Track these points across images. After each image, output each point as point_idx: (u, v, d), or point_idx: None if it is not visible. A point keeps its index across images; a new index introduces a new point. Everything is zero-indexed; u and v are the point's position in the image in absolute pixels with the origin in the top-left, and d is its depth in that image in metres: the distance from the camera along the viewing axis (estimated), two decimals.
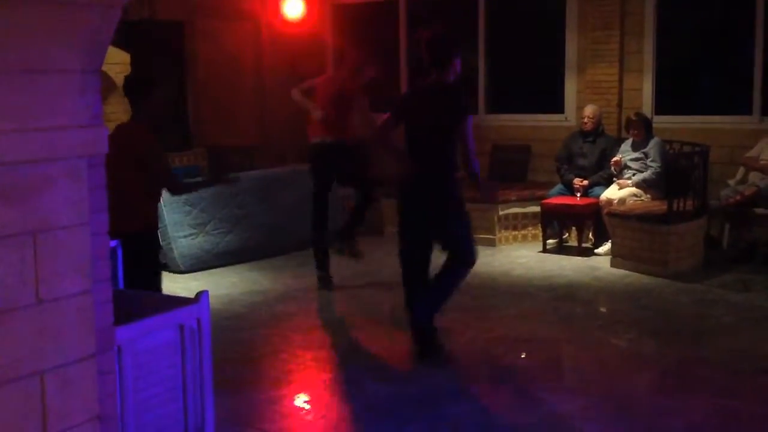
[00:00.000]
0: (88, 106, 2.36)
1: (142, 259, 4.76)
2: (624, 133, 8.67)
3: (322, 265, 7.16)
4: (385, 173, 6.32)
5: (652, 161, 8.15)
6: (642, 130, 8.22)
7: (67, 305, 2.30)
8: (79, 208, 2.33)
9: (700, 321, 6.15)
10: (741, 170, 8.15)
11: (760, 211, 7.69)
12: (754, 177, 7.90)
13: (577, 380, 5.09)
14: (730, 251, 7.86)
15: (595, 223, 8.35)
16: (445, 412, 4.55)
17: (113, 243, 4.00)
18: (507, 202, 8.84)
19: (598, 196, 8.31)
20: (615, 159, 8.31)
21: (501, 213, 8.79)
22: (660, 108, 9.11)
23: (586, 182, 8.45)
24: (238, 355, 5.55)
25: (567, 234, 8.72)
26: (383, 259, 8.26)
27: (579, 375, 5.18)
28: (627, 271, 7.53)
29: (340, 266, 8.00)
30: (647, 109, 9.02)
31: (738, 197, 7.75)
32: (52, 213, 2.25)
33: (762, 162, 7.87)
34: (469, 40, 10.04)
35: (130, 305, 3.39)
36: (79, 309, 2.33)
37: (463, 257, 5.35)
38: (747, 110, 8.67)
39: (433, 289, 5.33)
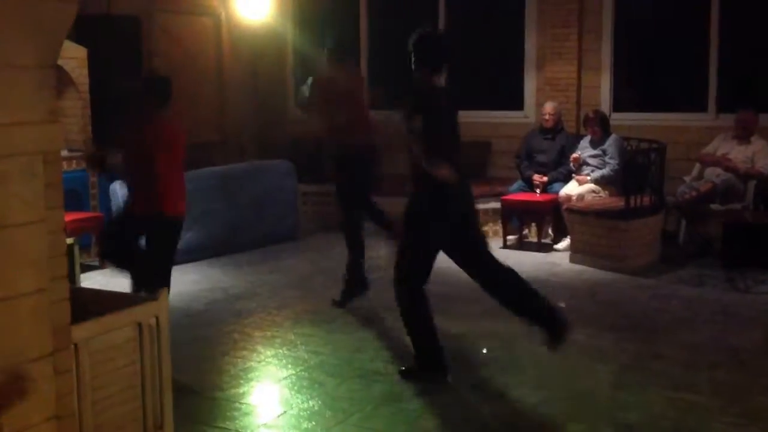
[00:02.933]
0: (44, 102, 2.33)
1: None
2: (583, 130, 8.75)
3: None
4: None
5: (610, 158, 8.24)
6: (599, 128, 8.31)
7: (22, 304, 2.27)
8: (34, 205, 2.29)
9: (656, 316, 6.24)
10: (697, 167, 8.27)
11: (715, 207, 7.82)
12: (709, 173, 8.03)
13: (537, 375, 5.13)
14: (686, 247, 7.98)
15: (555, 219, 8.43)
16: (405, 408, 4.56)
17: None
18: None
19: (557, 193, 8.38)
20: (574, 155, 8.39)
21: None
22: (618, 105, 9.22)
23: (545, 178, 8.53)
24: (197, 353, 5.51)
25: (527, 230, 8.79)
26: (343, 255, 8.26)
27: (539, 370, 5.22)
28: (585, 267, 7.61)
29: (301, 262, 7.98)
30: (605, 106, 9.13)
31: (694, 193, 7.87)
32: (6, 210, 2.22)
33: (717, 155, 7.99)
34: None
35: (87, 303, 3.35)
36: (34, 308, 2.30)
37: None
38: (703, 107, 8.82)
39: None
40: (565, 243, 8.24)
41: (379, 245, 7.11)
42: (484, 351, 5.52)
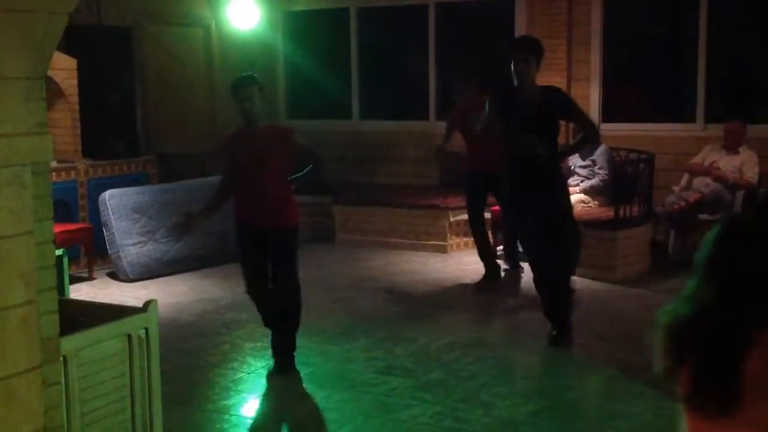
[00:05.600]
0: (33, 113, 2.33)
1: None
2: (572, 140, 8.77)
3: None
4: None
5: (599, 168, 8.26)
6: None
7: (10, 316, 2.26)
8: (23, 216, 2.29)
9: (646, 326, 6.22)
10: (685, 177, 8.30)
11: (703, 217, 7.83)
12: (698, 184, 8.06)
13: (528, 385, 5.14)
14: (675, 257, 8.00)
15: None
16: (396, 418, 4.56)
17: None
18: (458, 209, 8.89)
19: None
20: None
21: (452, 219, 8.84)
22: (607, 116, 9.25)
23: None
24: (187, 365, 5.49)
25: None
26: (334, 266, 8.27)
27: (529, 380, 5.23)
28: (575, 277, 7.61)
29: None
30: (594, 116, 9.16)
31: (682, 203, 7.89)
32: None
33: (706, 165, 8.03)
34: (419, 48, 10.10)
35: (76, 314, 3.34)
36: (23, 319, 2.30)
37: None
38: (691, 118, 8.86)
39: None
40: None
41: None
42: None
